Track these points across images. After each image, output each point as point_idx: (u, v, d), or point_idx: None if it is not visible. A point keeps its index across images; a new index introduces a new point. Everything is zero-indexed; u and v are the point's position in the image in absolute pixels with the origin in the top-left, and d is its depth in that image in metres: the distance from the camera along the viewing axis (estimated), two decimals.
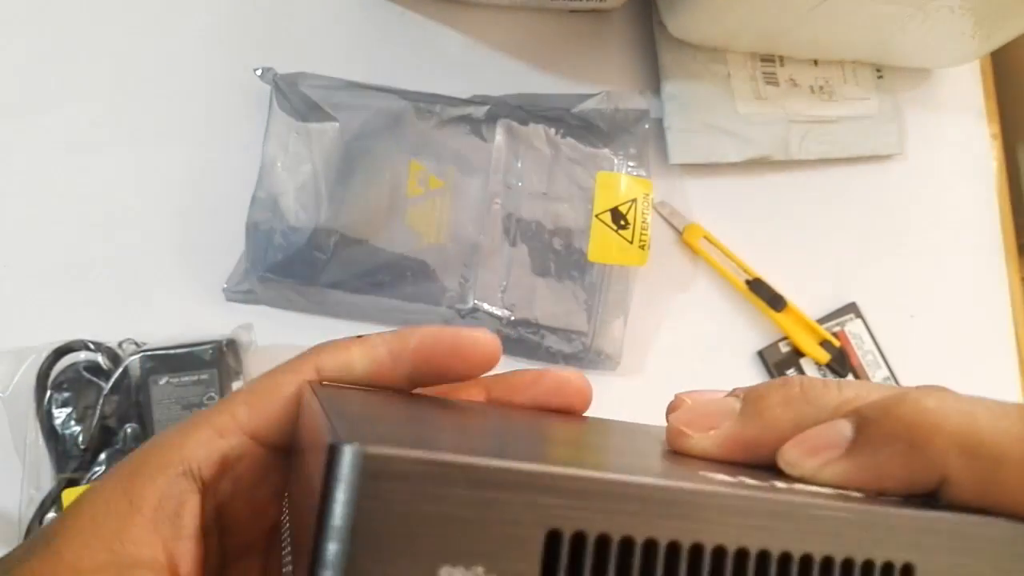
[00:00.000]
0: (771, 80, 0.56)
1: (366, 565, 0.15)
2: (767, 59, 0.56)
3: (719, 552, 0.16)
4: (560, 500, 0.16)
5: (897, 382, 0.57)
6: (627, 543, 0.16)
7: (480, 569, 0.15)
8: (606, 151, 0.51)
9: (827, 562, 0.17)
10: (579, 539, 0.16)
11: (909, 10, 0.49)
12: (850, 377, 0.55)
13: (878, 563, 0.17)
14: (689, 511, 0.16)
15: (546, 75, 0.54)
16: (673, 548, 0.16)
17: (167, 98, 0.50)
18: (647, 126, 0.52)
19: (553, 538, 0.16)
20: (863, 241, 0.58)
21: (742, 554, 0.16)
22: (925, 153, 0.60)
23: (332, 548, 0.15)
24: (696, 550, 0.16)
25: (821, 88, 0.57)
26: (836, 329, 0.56)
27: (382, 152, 0.49)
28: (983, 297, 0.60)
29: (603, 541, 0.16)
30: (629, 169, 0.51)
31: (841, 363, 0.55)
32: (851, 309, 0.56)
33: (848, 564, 0.17)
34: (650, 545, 0.16)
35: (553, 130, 0.51)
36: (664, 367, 0.53)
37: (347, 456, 0.14)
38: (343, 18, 0.52)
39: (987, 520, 0.17)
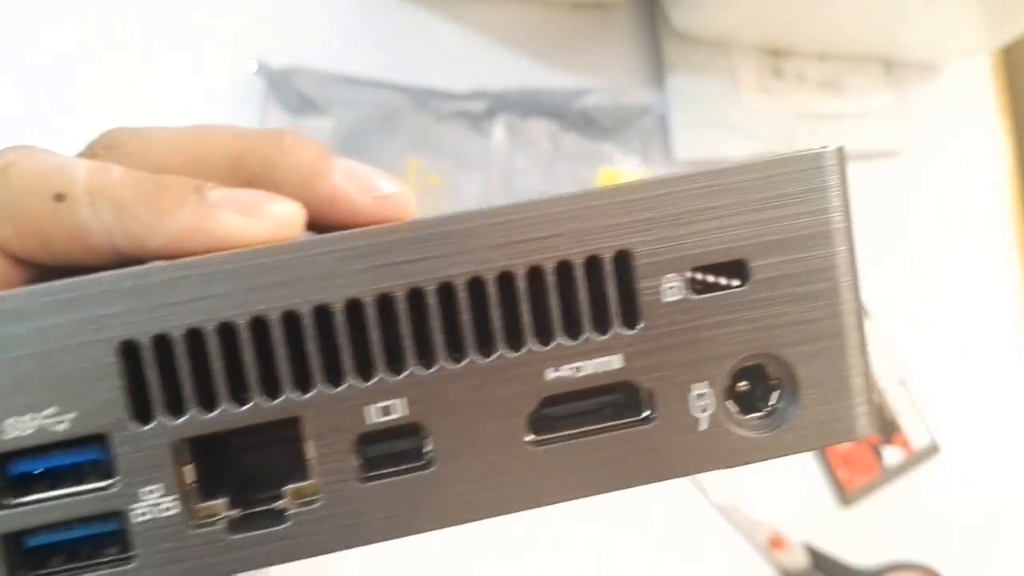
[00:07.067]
0: (777, 74, 0.55)
1: None
2: (773, 53, 0.55)
3: (385, 299, 0.15)
4: (121, 306, 0.13)
5: (905, 383, 0.56)
6: (227, 328, 0.14)
7: (52, 411, 0.13)
8: (609, 147, 0.50)
9: (535, 271, 0.15)
10: (162, 342, 0.13)
11: None
12: None
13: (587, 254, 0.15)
14: (300, 271, 0.14)
15: (547, 69, 0.53)
16: (291, 316, 0.14)
17: (160, 94, 0.50)
18: (651, 121, 0.51)
19: (129, 351, 0.13)
20: (871, 239, 0.56)
21: (385, 299, 0.15)
22: (935, 149, 0.59)
23: None
24: (356, 304, 0.14)
25: (829, 83, 0.56)
26: None
27: (378, 148, 0.48)
28: (994, 295, 0.59)
29: (195, 335, 0.13)
30: (633, 165, 0.50)
31: None
32: None
33: (565, 266, 0.15)
34: (259, 321, 0.14)
35: (555, 125, 0.50)
36: None
37: None
38: (338, 10, 0.51)
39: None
